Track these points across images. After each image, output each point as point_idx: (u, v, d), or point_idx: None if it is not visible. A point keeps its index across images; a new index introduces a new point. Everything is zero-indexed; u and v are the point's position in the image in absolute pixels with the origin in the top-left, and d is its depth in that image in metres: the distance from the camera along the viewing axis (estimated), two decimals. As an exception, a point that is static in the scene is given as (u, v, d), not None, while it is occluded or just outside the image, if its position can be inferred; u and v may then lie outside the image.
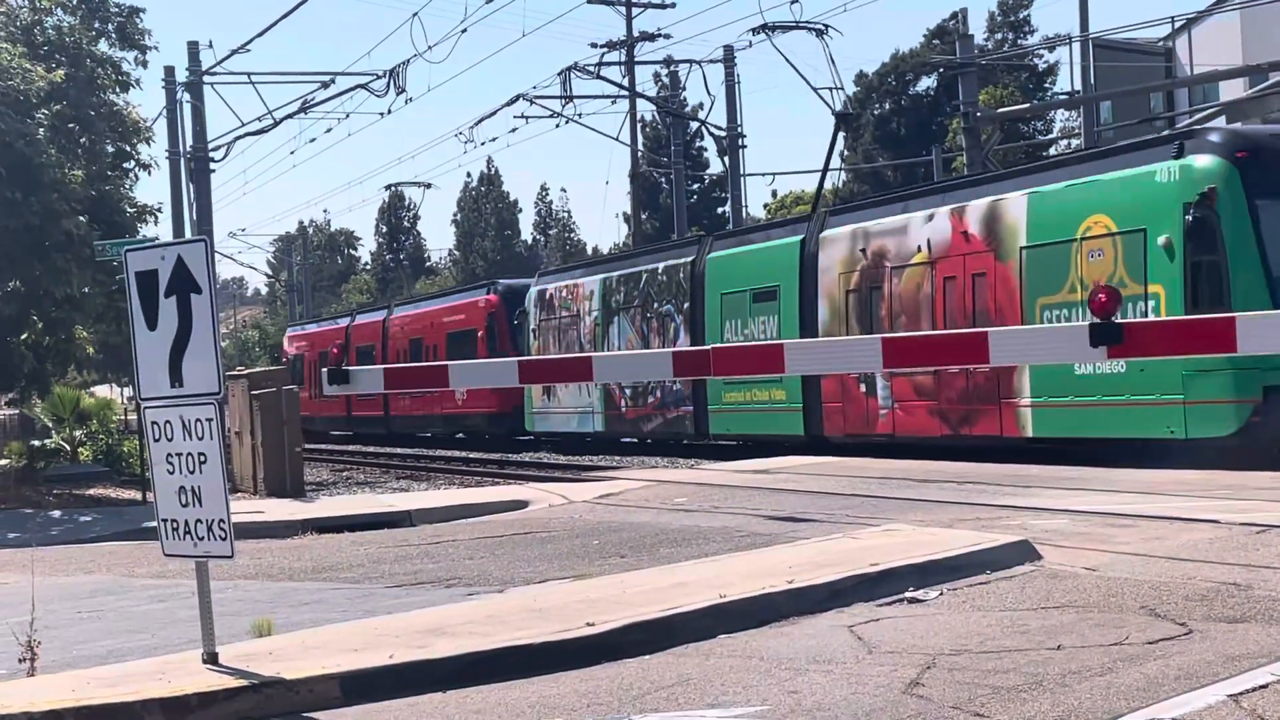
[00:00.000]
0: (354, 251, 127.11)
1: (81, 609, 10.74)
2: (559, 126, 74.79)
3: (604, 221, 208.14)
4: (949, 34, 63.31)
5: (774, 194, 72.23)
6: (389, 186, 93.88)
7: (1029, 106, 48.85)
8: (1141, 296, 18.75)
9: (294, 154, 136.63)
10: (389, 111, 45.92)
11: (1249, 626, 7.67)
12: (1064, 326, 15.29)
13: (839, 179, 74.01)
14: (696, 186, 79.34)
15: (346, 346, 44.92)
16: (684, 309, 29.79)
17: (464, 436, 41.16)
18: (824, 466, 19.47)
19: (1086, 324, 7.12)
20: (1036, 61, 67.48)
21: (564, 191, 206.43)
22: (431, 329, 42.68)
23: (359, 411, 46.88)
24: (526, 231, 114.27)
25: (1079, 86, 40.91)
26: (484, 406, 38.05)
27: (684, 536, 12.92)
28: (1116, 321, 7.13)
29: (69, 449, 28.18)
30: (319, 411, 47.73)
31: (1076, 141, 46.07)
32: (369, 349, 45.82)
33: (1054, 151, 56.21)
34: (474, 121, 52.19)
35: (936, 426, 22.82)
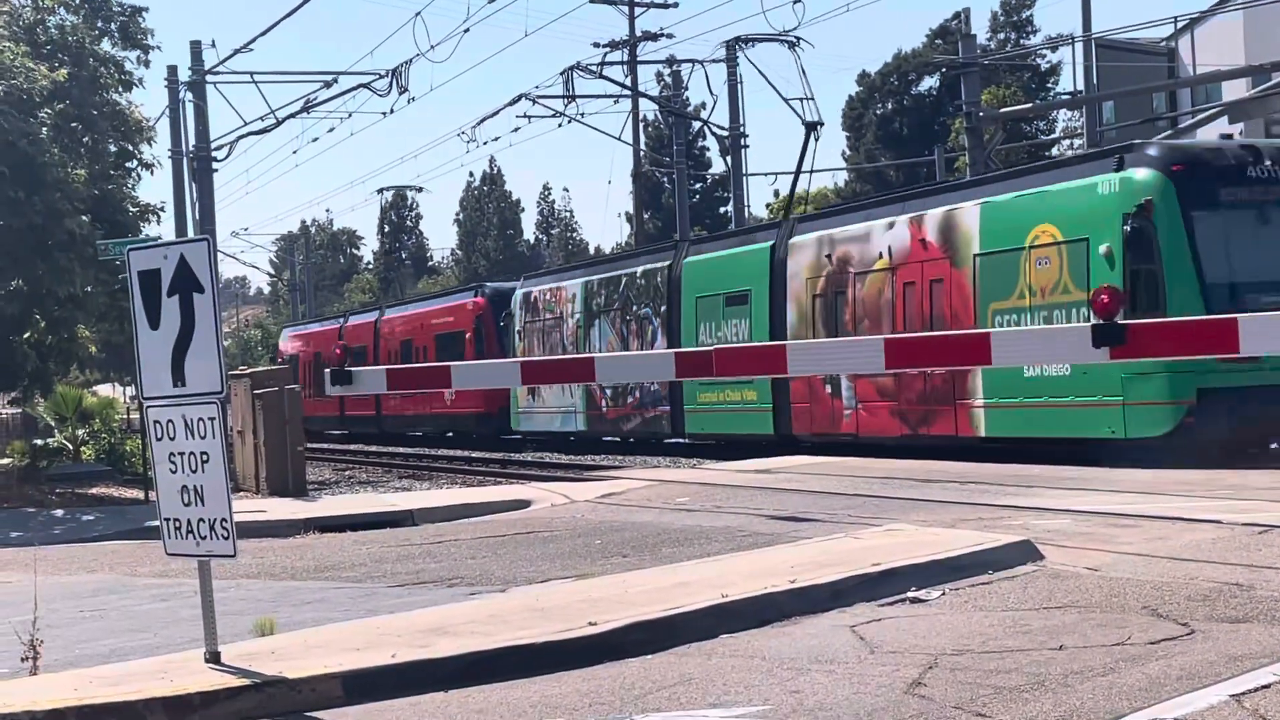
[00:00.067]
0: (356, 251, 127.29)
1: (84, 608, 10.74)
2: (561, 126, 74.62)
3: (606, 221, 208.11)
4: (951, 34, 63.33)
5: (776, 194, 72.06)
6: (381, 190, 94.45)
7: (1031, 106, 48.82)
8: (1084, 303, 19.55)
9: (296, 153, 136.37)
10: (391, 111, 45.67)
11: (1251, 627, 7.68)
12: (1067, 328, 15.31)
13: (841, 179, 74.06)
14: (699, 186, 79.36)
15: (336, 347, 45.31)
16: (661, 312, 30.41)
17: (453, 435, 41.67)
18: (826, 466, 19.47)
19: (1089, 325, 7.13)
20: (1039, 61, 67.51)
21: (566, 191, 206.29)
22: (421, 330, 43.33)
23: (352, 411, 47.51)
24: (529, 231, 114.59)
25: (1081, 86, 40.90)
26: (472, 407, 38.55)
27: (686, 536, 12.92)
28: (1119, 323, 7.13)
29: (71, 448, 28.21)
30: (314, 411, 47.98)
31: (1079, 141, 46.06)
32: (361, 349, 46.15)
33: (1056, 152, 56.23)
34: (476, 121, 52.13)
35: (896, 426, 23.53)
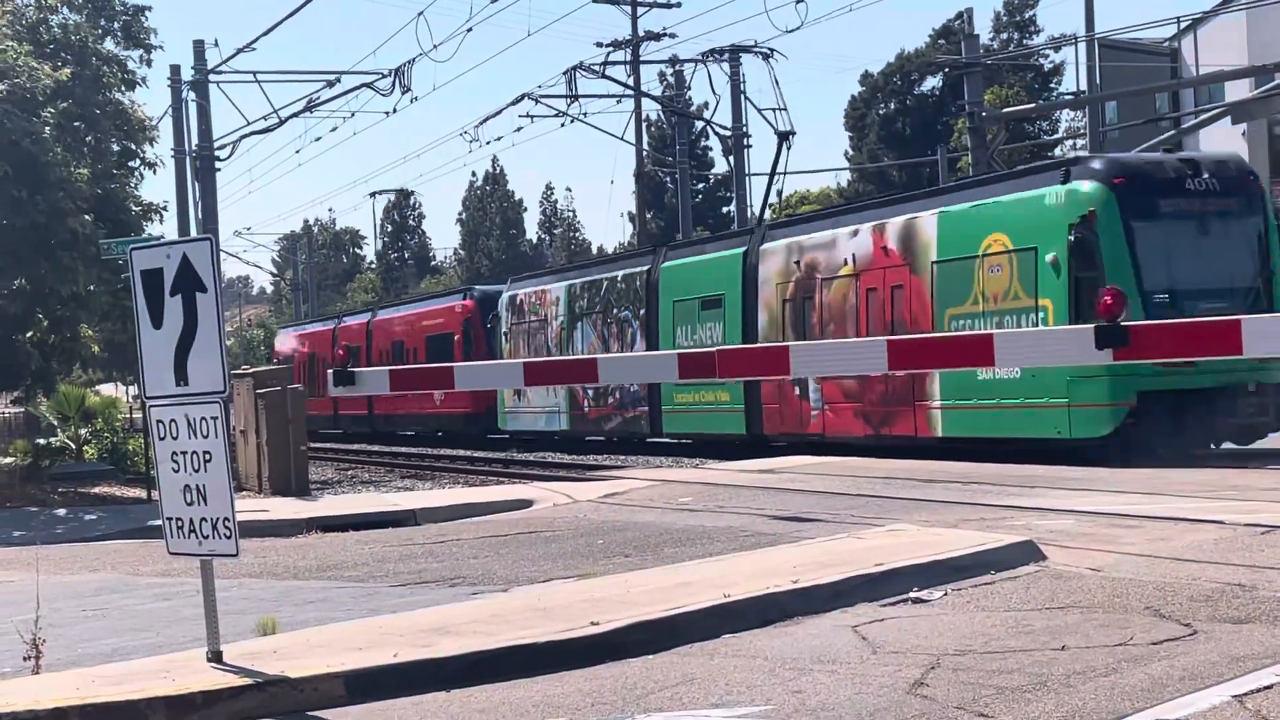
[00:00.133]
0: (359, 250, 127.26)
1: (86, 607, 10.75)
2: (564, 126, 74.74)
3: (609, 221, 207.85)
4: (954, 34, 63.37)
5: (779, 194, 71.96)
6: (373, 194, 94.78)
7: (1034, 106, 48.83)
8: (1033, 309, 20.34)
9: (299, 153, 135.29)
10: (394, 110, 45.95)
11: (1253, 627, 7.67)
12: (1071, 329, 15.29)
13: (844, 179, 74.04)
14: (701, 186, 79.34)
15: (334, 347, 45.85)
16: (640, 315, 31.14)
17: (442, 435, 42.15)
18: (828, 466, 19.46)
19: (1092, 326, 7.12)
20: (1042, 61, 67.50)
21: (569, 191, 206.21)
22: (412, 332, 43.95)
23: (345, 411, 48.17)
24: (532, 231, 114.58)
25: (1084, 86, 40.92)
26: (460, 407, 39.04)
27: (688, 536, 12.92)
28: (1122, 325, 7.12)
29: (74, 447, 28.21)
30: (309, 410, 48.23)
31: (1082, 142, 46.01)
32: (354, 350, 46.50)
33: (1059, 152, 56.18)
34: (479, 120, 51.97)
35: (860, 427, 24.22)
